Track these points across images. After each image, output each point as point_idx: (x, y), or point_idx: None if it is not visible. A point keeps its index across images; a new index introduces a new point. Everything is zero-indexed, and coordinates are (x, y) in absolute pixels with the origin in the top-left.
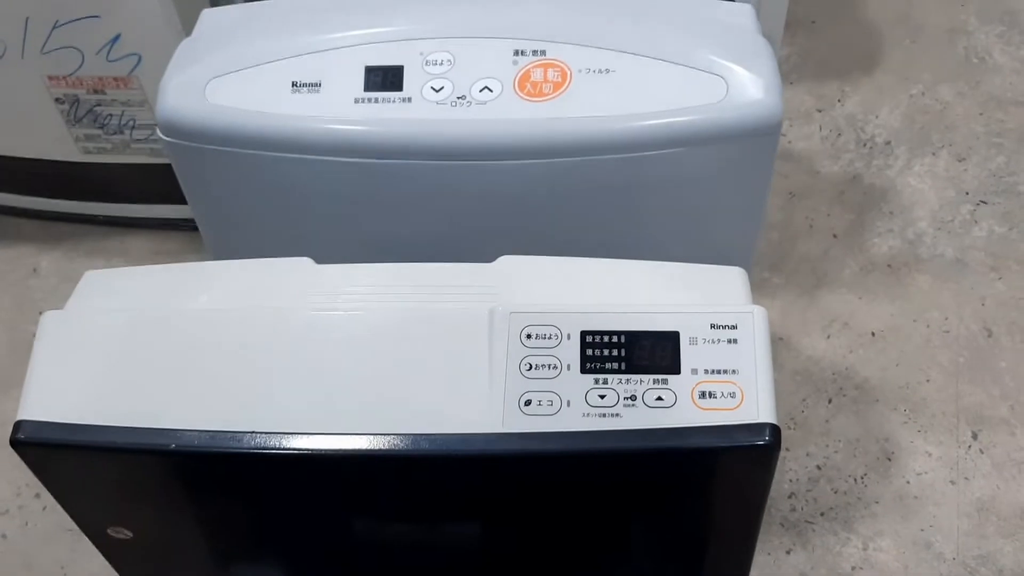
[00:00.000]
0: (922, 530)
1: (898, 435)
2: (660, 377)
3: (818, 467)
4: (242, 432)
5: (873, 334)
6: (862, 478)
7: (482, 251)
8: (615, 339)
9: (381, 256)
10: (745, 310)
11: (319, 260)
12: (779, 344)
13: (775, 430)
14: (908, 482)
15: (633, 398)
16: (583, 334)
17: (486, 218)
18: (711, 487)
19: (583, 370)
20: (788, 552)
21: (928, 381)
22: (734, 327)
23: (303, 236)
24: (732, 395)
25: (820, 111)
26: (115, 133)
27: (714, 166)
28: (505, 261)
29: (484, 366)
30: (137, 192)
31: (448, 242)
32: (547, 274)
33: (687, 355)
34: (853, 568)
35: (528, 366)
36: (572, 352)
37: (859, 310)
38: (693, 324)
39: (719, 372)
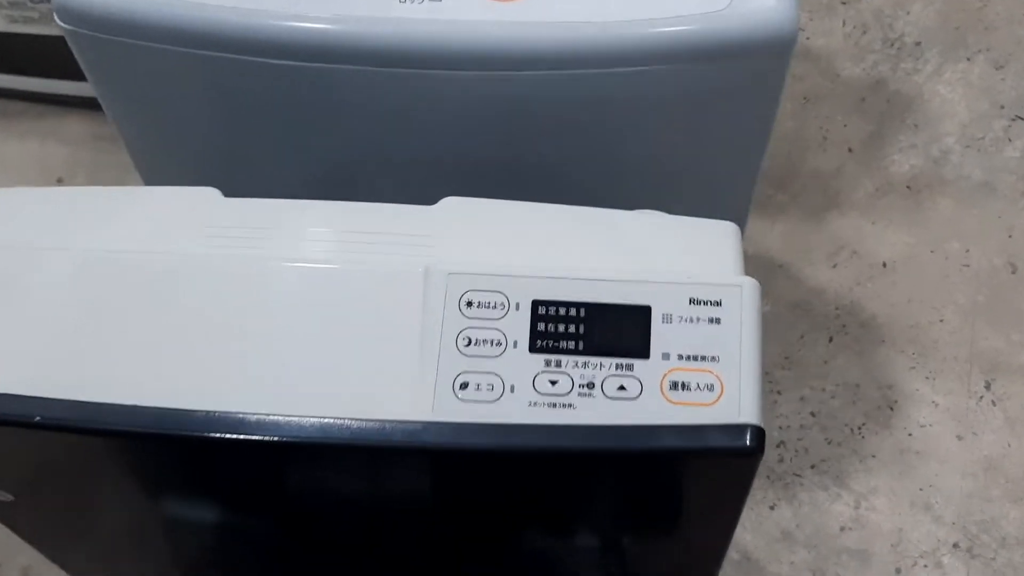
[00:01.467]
0: (921, 489)
1: (903, 381)
2: (624, 361)
3: (812, 414)
4: (110, 405)
5: (884, 265)
6: (859, 428)
7: (429, 189)
8: (573, 312)
9: (314, 186)
10: (733, 282)
11: (241, 186)
12: (778, 272)
13: (758, 433)
14: (910, 435)
15: (591, 386)
16: (535, 304)
17: (435, 144)
18: (679, 495)
19: (532, 348)
20: (772, 507)
21: (941, 321)
22: (718, 303)
23: (223, 153)
24: (710, 387)
25: (844, 3)
26: (41, 1)
27: (712, 87)
28: (449, 204)
29: (414, 338)
30: (72, 67)
31: (389, 173)
32: (497, 222)
33: (659, 336)
34: (842, 528)
35: (467, 340)
36: (520, 326)
37: (871, 236)
38: (668, 297)
39: (696, 359)
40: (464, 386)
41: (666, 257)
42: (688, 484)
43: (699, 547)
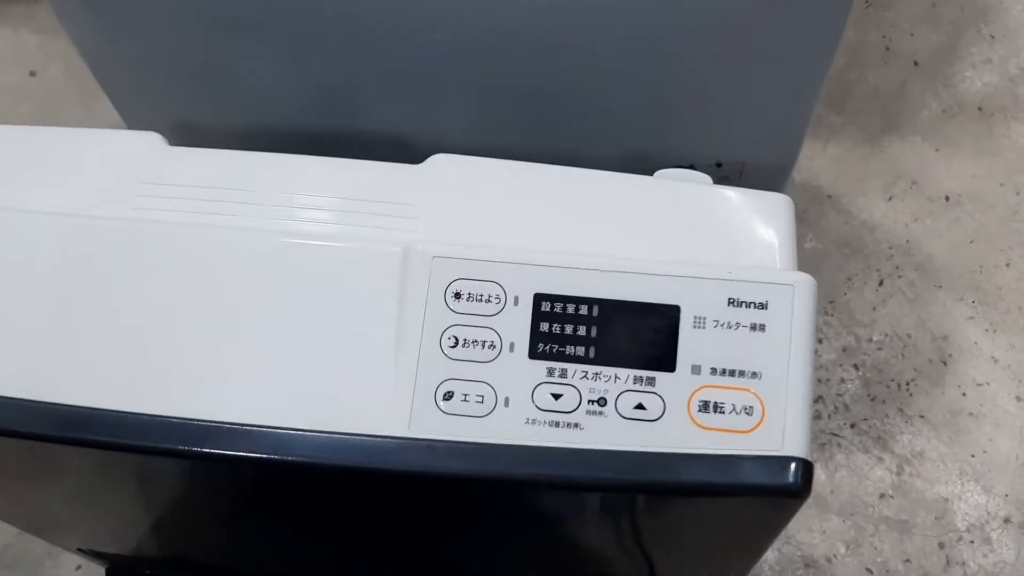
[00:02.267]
0: (973, 456)
1: (960, 333)
2: (645, 374)
3: (855, 366)
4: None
5: (947, 199)
6: (908, 384)
7: (426, 140)
8: (584, 310)
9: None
10: (784, 280)
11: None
12: (827, 203)
13: (805, 469)
14: (964, 394)
15: (602, 402)
16: (538, 299)
17: (445, 63)
18: (700, 533)
19: (533, 353)
20: None
21: (1008, 266)
22: (763, 306)
23: (199, 72)
24: (748, 410)
25: None
26: None
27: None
28: (437, 164)
29: (389, 335)
30: None
31: (388, 97)
32: (495, 189)
33: (688, 343)
34: (881, 496)
35: (453, 341)
36: (519, 325)
37: (934, 166)
38: (702, 296)
39: (733, 374)
40: (448, 396)
41: (701, 241)
42: (714, 522)
43: (718, 569)
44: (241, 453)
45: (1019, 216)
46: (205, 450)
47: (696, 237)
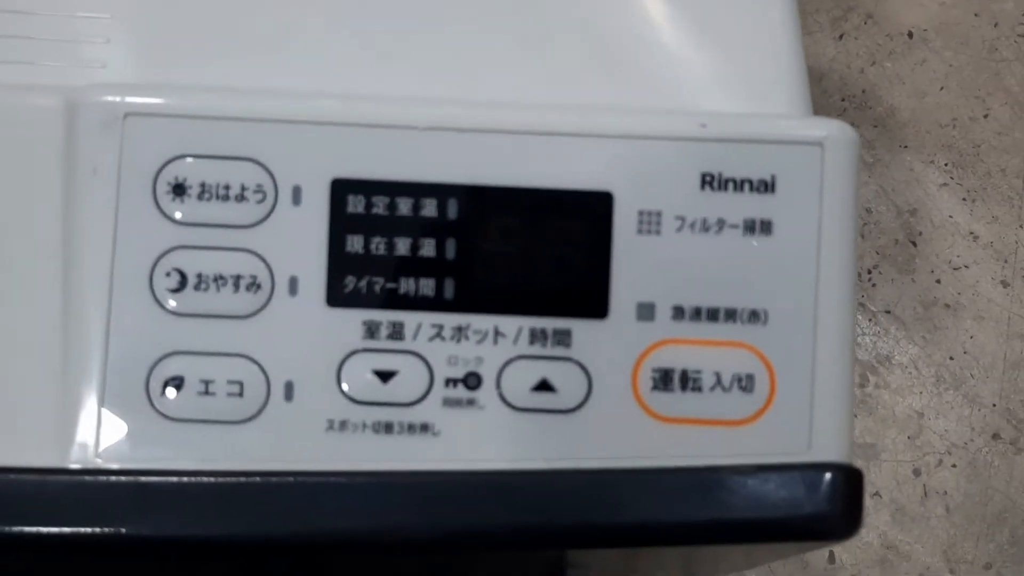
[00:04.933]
0: (952, 358)
1: (931, 204)
2: (552, 325)
3: None
4: None
5: (910, 35)
6: (870, 273)
7: None
8: (431, 209)
9: None
10: (802, 135)
11: None
12: None
13: (849, 483)
14: (939, 281)
15: (472, 382)
16: (339, 189)
17: None
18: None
19: (335, 297)
20: None
21: (986, 117)
22: (767, 185)
23: None
24: (743, 381)
25: None
26: None
27: None
28: None
29: (47, 275)
30: None
31: None
32: None
33: (630, 264)
34: None
35: (178, 279)
36: (306, 242)
37: None
38: (654, 171)
39: (714, 317)
40: (176, 385)
41: (647, 70)
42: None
43: None
44: None
45: (998, 53)
46: None
47: (635, 62)
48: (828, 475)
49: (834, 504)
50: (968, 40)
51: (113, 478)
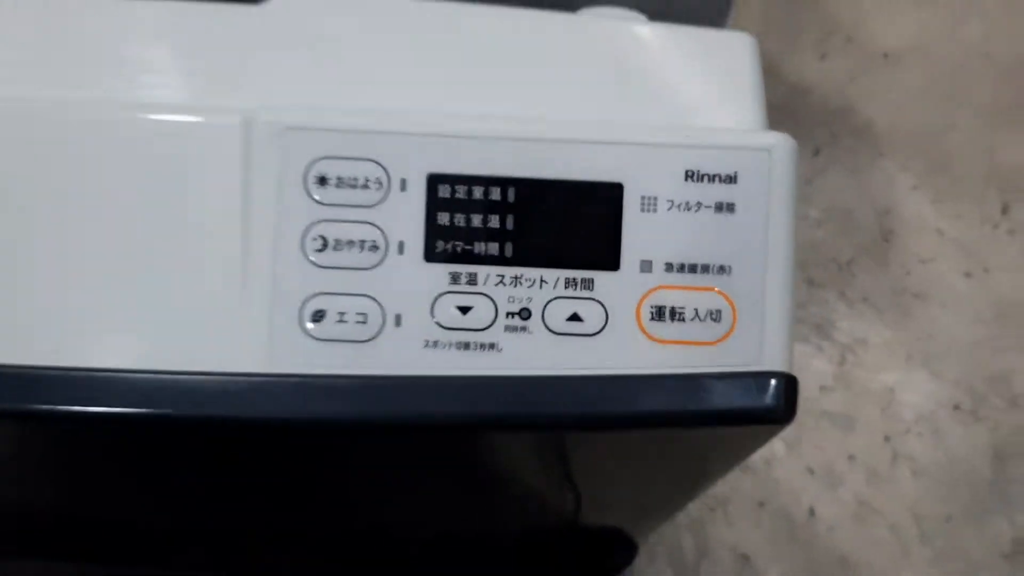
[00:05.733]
0: (920, 340)
1: (904, 204)
2: (580, 275)
3: None
4: None
5: (886, 56)
6: (849, 264)
7: None
8: (496, 194)
9: None
10: (756, 143)
11: None
12: None
13: (788, 386)
14: (909, 273)
15: (525, 314)
16: (433, 181)
17: None
18: (654, 467)
19: (430, 255)
20: None
21: (954, 129)
22: (731, 179)
23: None
24: (714, 315)
25: None
26: None
27: None
28: (288, 1)
29: (232, 240)
30: None
31: None
32: (367, 36)
33: (635, 232)
34: (822, 388)
35: (321, 242)
36: (410, 217)
37: (871, 16)
38: (652, 168)
39: (694, 269)
40: (319, 317)
41: (647, 97)
42: (667, 455)
43: (665, 501)
44: (47, 410)
45: (966, 72)
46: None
47: (639, 90)
48: (773, 380)
49: (778, 399)
50: (938, 60)
51: (278, 380)
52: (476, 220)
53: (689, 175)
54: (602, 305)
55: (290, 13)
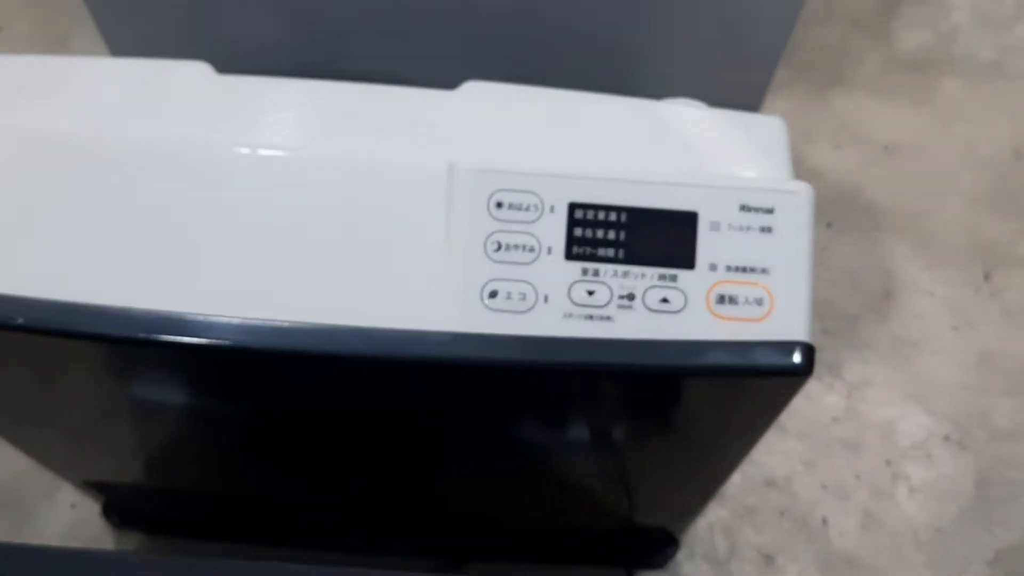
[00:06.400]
0: (915, 381)
1: (902, 270)
2: (668, 272)
3: None
4: (112, 308)
5: (887, 148)
6: (856, 317)
7: (446, 77)
8: (613, 217)
9: (305, 67)
10: (787, 187)
11: (223, 65)
12: None
13: (808, 351)
14: (906, 326)
15: (631, 297)
16: (572, 207)
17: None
18: (715, 413)
19: (569, 255)
20: None
21: (943, 208)
22: (770, 211)
23: (201, 9)
24: (759, 301)
25: None
26: None
27: None
28: (471, 90)
29: (438, 242)
30: None
31: (402, 52)
32: (525, 112)
33: (706, 245)
34: (834, 419)
35: (496, 245)
36: (556, 230)
37: (875, 116)
38: (717, 203)
39: (745, 270)
40: (494, 295)
41: (712, 156)
42: (726, 404)
43: (712, 466)
44: (309, 349)
45: (952, 163)
46: (277, 346)
47: (708, 151)
48: (798, 347)
49: (802, 358)
50: (930, 153)
51: (467, 335)
52: (600, 233)
53: (743, 207)
54: (683, 292)
55: (472, 97)
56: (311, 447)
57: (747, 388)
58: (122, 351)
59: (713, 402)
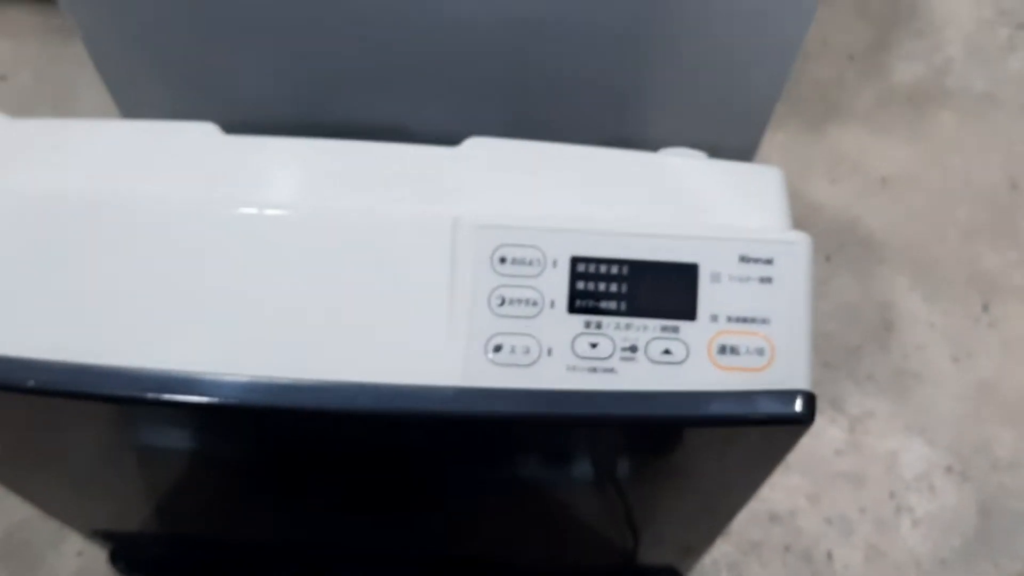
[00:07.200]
0: (916, 413)
1: (901, 302)
2: (670, 323)
3: None
4: (122, 369)
5: (884, 181)
6: (856, 350)
7: (447, 128)
8: (615, 270)
9: (310, 120)
10: (786, 238)
11: (230, 119)
12: None
13: (809, 399)
14: (906, 357)
15: (633, 349)
16: (574, 261)
17: (455, 72)
18: (719, 461)
19: (572, 309)
20: None
21: (941, 240)
22: (769, 261)
23: (209, 68)
24: (760, 351)
25: None
26: None
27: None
28: (473, 146)
29: (442, 297)
30: None
31: (404, 105)
32: (526, 167)
33: (706, 296)
34: (836, 452)
35: (500, 300)
36: (558, 284)
37: (871, 150)
38: (717, 254)
39: (745, 320)
40: (498, 349)
41: (711, 207)
42: (728, 450)
43: (714, 510)
44: (311, 406)
45: (949, 195)
46: (273, 404)
47: (706, 203)
48: (799, 395)
49: (803, 407)
50: (927, 185)
51: (471, 389)
52: (602, 286)
53: (742, 258)
54: (685, 344)
55: (474, 154)
56: (315, 496)
57: (750, 436)
58: (130, 409)
59: (717, 450)
